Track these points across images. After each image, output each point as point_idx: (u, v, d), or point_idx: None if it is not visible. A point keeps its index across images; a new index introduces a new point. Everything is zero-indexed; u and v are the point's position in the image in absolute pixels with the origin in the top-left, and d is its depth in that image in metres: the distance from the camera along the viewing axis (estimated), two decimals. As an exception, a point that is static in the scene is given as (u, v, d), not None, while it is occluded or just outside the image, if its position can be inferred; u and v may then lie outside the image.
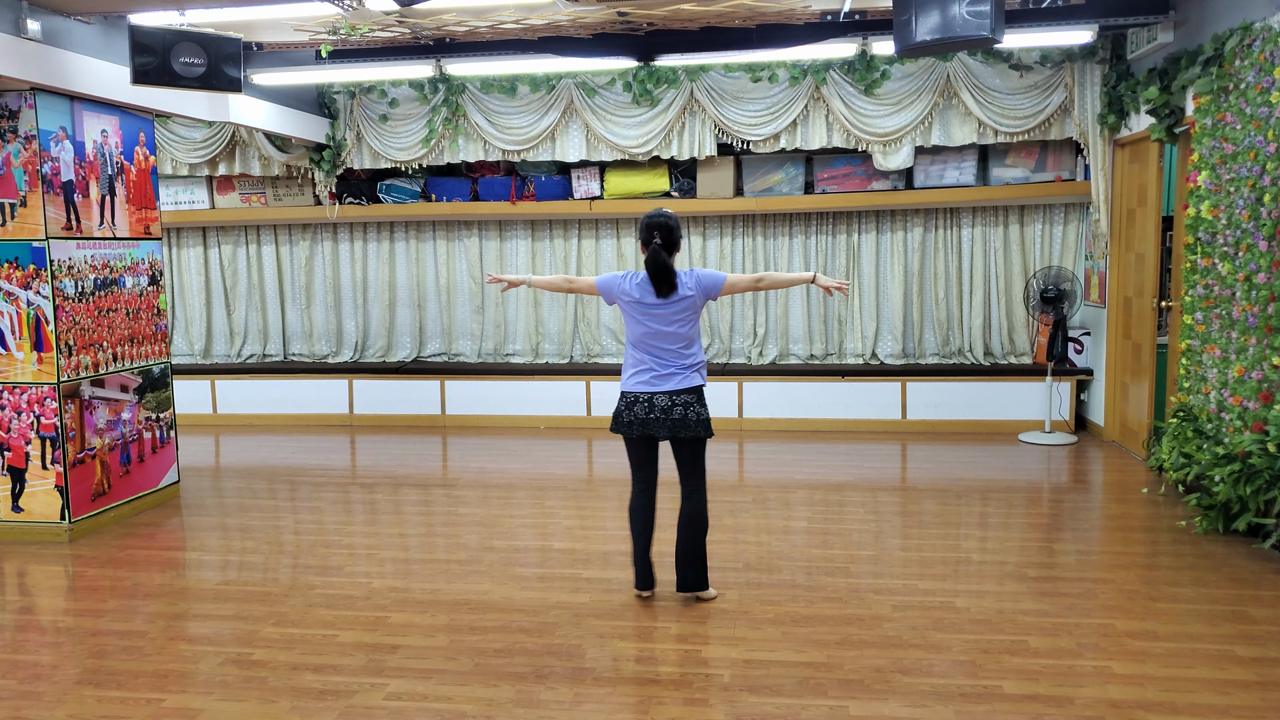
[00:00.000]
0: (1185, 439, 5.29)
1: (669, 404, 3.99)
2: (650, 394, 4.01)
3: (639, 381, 4.04)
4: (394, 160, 7.91)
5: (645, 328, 4.02)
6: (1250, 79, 4.82)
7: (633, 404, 4.03)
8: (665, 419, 3.99)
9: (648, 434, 4.05)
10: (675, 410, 3.99)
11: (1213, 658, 3.53)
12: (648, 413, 4.00)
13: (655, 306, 3.99)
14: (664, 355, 4.03)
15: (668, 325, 4.00)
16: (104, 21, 5.37)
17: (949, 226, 7.95)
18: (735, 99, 7.41)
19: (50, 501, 5.28)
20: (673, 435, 4.02)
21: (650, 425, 4.01)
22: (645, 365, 4.04)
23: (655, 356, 4.03)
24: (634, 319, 4.04)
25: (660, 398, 4.00)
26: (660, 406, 3.99)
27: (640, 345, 4.05)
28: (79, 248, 5.36)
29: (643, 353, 4.05)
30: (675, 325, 4.00)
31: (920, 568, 4.56)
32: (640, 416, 4.01)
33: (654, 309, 3.99)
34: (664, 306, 3.99)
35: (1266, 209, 4.62)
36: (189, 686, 3.49)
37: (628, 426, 4.05)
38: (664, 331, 4.00)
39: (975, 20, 4.07)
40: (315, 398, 8.49)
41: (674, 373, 4.02)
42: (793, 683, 3.41)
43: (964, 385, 7.66)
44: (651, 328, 4.01)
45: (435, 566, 4.73)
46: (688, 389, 4.03)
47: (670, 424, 4.00)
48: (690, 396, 4.03)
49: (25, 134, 5.09)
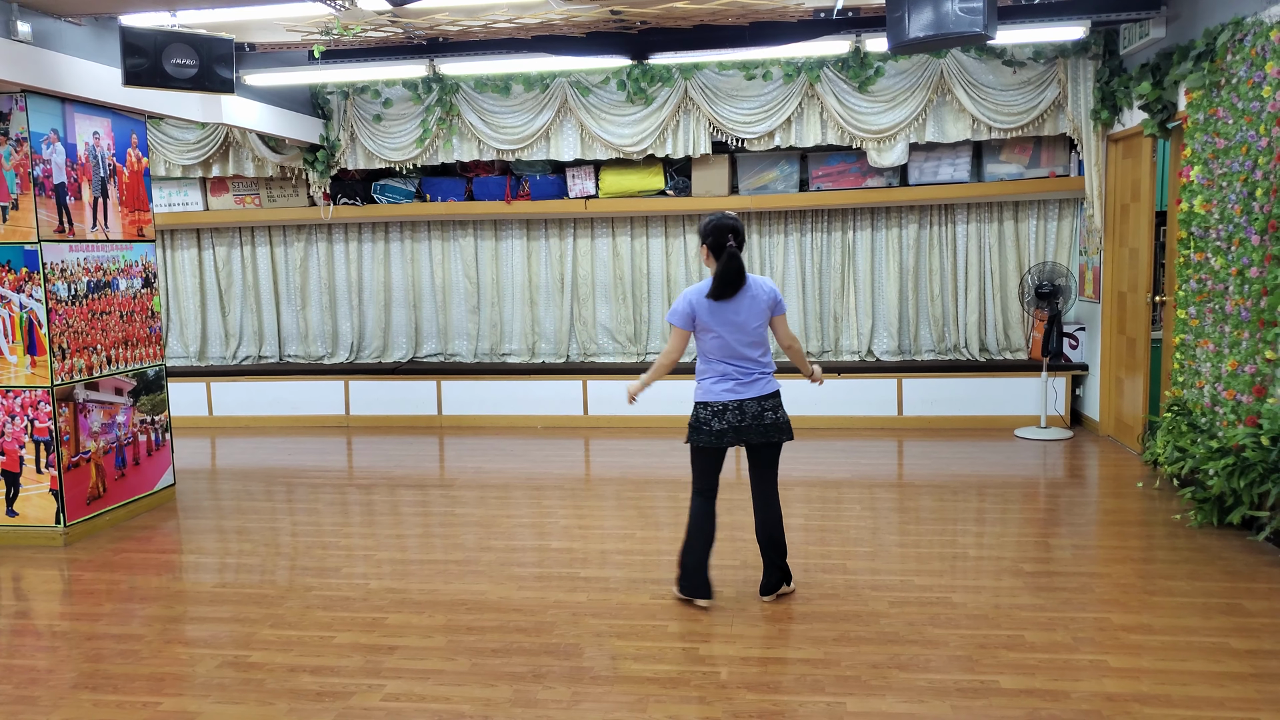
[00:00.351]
0: (1180, 433, 5.30)
1: (759, 410, 3.96)
2: (740, 401, 3.95)
3: (725, 390, 3.96)
4: (388, 160, 7.90)
5: (723, 334, 3.94)
6: (1242, 74, 4.83)
7: (721, 413, 3.95)
8: (757, 424, 3.96)
9: (740, 441, 3.98)
10: (766, 415, 3.97)
11: (1208, 650, 3.54)
12: (739, 420, 3.94)
13: (731, 309, 3.92)
14: (743, 361, 3.96)
15: (745, 329, 3.94)
16: (95, 23, 5.36)
17: (944, 223, 7.96)
18: (729, 97, 7.41)
19: (45, 505, 5.27)
20: (765, 440, 4.00)
21: (744, 432, 3.96)
22: (727, 374, 3.97)
23: (736, 364, 3.97)
24: (709, 331, 3.96)
25: (750, 404, 3.95)
26: (751, 413, 3.95)
27: (718, 356, 3.98)
28: (72, 250, 5.35)
29: (722, 363, 3.98)
30: (751, 328, 3.95)
31: (917, 563, 4.57)
32: (733, 424, 3.94)
33: (731, 313, 3.93)
34: (740, 308, 3.93)
35: (1259, 203, 4.63)
36: (186, 689, 3.48)
37: (718, 436, 3.95)
38: (742, 336, 3.94)
39: (968, 16, 4.07)
40: (311, 399, 8.48)
41: (757, 378, 3.98)
42: (790, 679, 3.41)
43: (960, 381, 7.67)
44: (729, 332, 3.93)
45: (432, 567, 4.73)
46: (772, 394, 4.01)
47: (763, 429, 3.97)
48: (775, 400, 4.02)
49: (16, 136, 5.07)
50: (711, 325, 3.95)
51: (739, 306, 3.95)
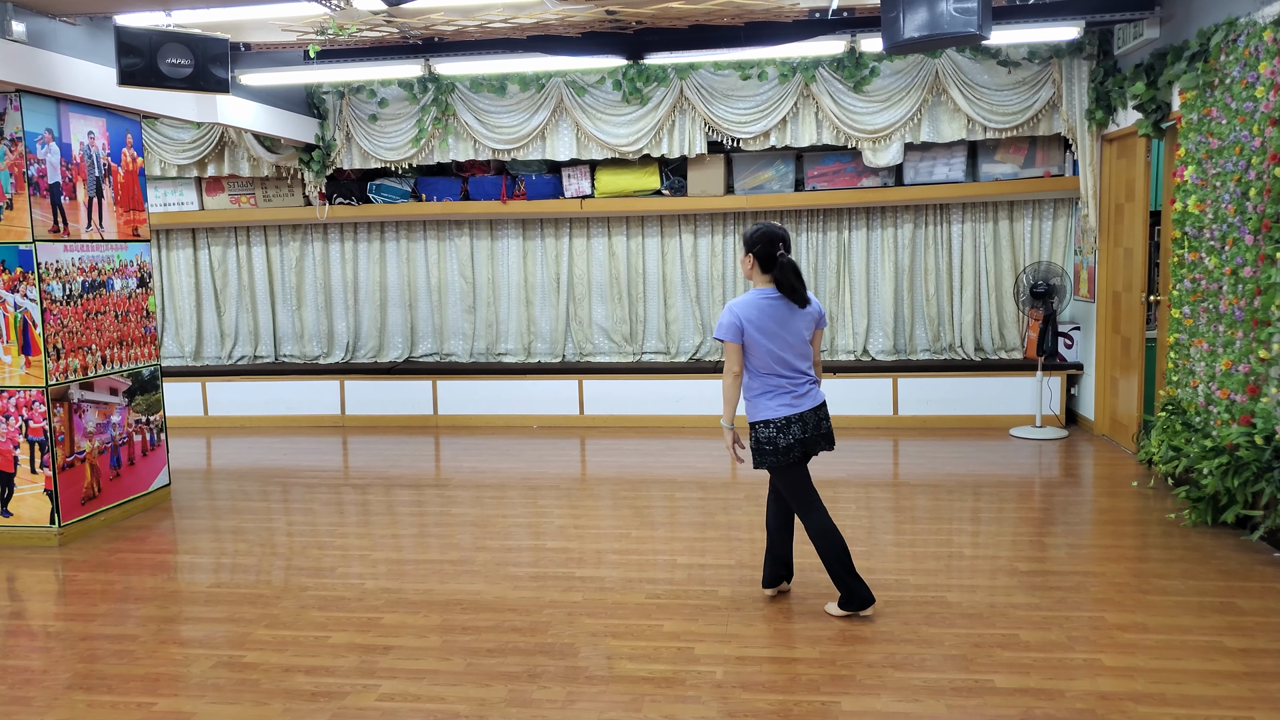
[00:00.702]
0: (1174, 432, 5.31)
1: (817, 420, 3.93)
2: (800, 413, 3.89)
3: (784, 404, 3.88)
4: (384, 160, 7.90)
5: (780, 343, 3.86)
6: (1235, 74, 4.85)
7: (785, 428, 3.86)
8: (817, 434, 3.93)
9: (807, 455, 3.94)
10: (823, 425, 3.96)
11: (1202, 649, 3.56)
12: (804, 432, 3.88)
13: (788, 317, 3.86)
14: (795, 373, 3.90)
15: (799, 338, 3.89)
16: (90, 23, 5.35)
17: (939, 223, 7.97)
18: (725, 97, 7.42)
19: (39, 505, 5.26)
20: (826, 447, 3.99)
21: (810, 444, 3.92)
22: (782, 387, 3.89)
23: (787, 377, 3.89)
24: (763, 340, 3.85)
25: (809, 414, 3.91)
26: (811, 424, 3.91)
27: (775, 366, 3.88)
28: (66, 250, 5.34)
29: (776, 376, 3.89)
30: (805, 338, 3.91)
31: (912, 563, 4.58)
32: (798, 437, 3.87)
33: (791, 321, 3.87)
34: (796, 316, 3.88)
35: (1252, 203, 4.64)
36: (181, 690, 3.48)
37: (785, 452, 3.87)
38: (796, 345, 3.89)
39: (962, 17, 4.08)
40: (307, 399, 8.48)
41: (809, 389, 3.94)
42: (785, 679, 3.42)
43: (955, 381, 7.68)
44: (781, 343, 3.86)
45: (428, 567, 4.73)
46: (823, 403, 3.99)
47: (825, 436, 3.96)
48: (826, 409, 4.01)
49: (11, 136, 5.06)
50: (762, 338, 3.84)
51: (794, 317, 3.88)
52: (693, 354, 8.29)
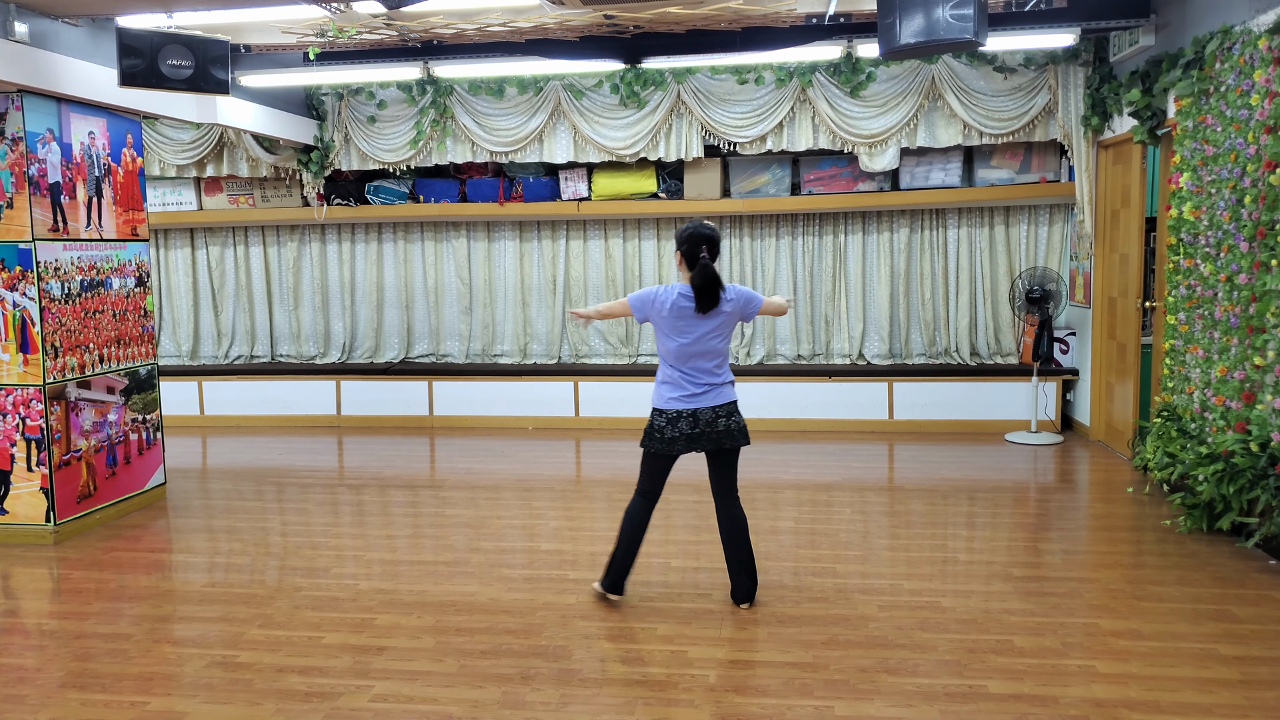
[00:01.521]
0: (1169, 438, 5.33)
1: (713, 417, 4.00)
2: (694, 409, 3.98)
3: (679, 399, 3.99)
4: (382, 161, 7.90)
5: (681, 342, 3.96)
6: (1230, 81, 4.87)
7: (675, 420, 3.99)
8: (710, 431, 3.99)
9: (693, 448, 4.02)
10: (719, 422, 4.00)
11: (1197, 656, 3.56)
12: (693, 428, 3.98)
13: (699, 320, 3.94)
14: (699, 372, 3.99)
15: (706, 340, 3.96)
16: (91, 23, 5.36)
17: (935, 227, 7.99)
18: (722, 101, 7.43)
19: (35, 504, 5.26)
20: (719, 447, 4.03)
21: (696, 440, 4.00)
22: (682, 382, 4.00)
23: (690, 373, 3.99)
24: (669, 335, 3.98)
25: (704, 412, 3.99)
26: (705, 420, 3.99)
27: (676, 361, 3.99)
28: (65, 249, 5.35)
29: (678, 370, 4.00)
30: (713, 340, 3.98)
31: (907, 568, 4.58)
32: (685, 432, 3.98)
33: (698, 323, 3.94)
34: (708, 320, 3.95)
35: (1247, 210, 4.66)
36: (174, 689, 3.48)
37: (670, 443, 4.00)
38: (705, 347, 3.97)
39: (959, 23, 4.10)
40: (302, 399, 8.48)
41: (710, 389, 4.00)
42: (778, 683, 3.42)
43: (950, 385, 7.70)
44: (689, 342, 3.95)
45: (422, 568, 4.73)
46: (729, 402, 4.04)
47: (715, 436, 4.01)
48: (732, 407, 4.05)
49: (12, 136, 5.07)
50: (667, 334, 3.98)
51: (709, 322, 3.95)
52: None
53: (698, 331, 3.95)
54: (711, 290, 3.89)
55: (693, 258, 3.92)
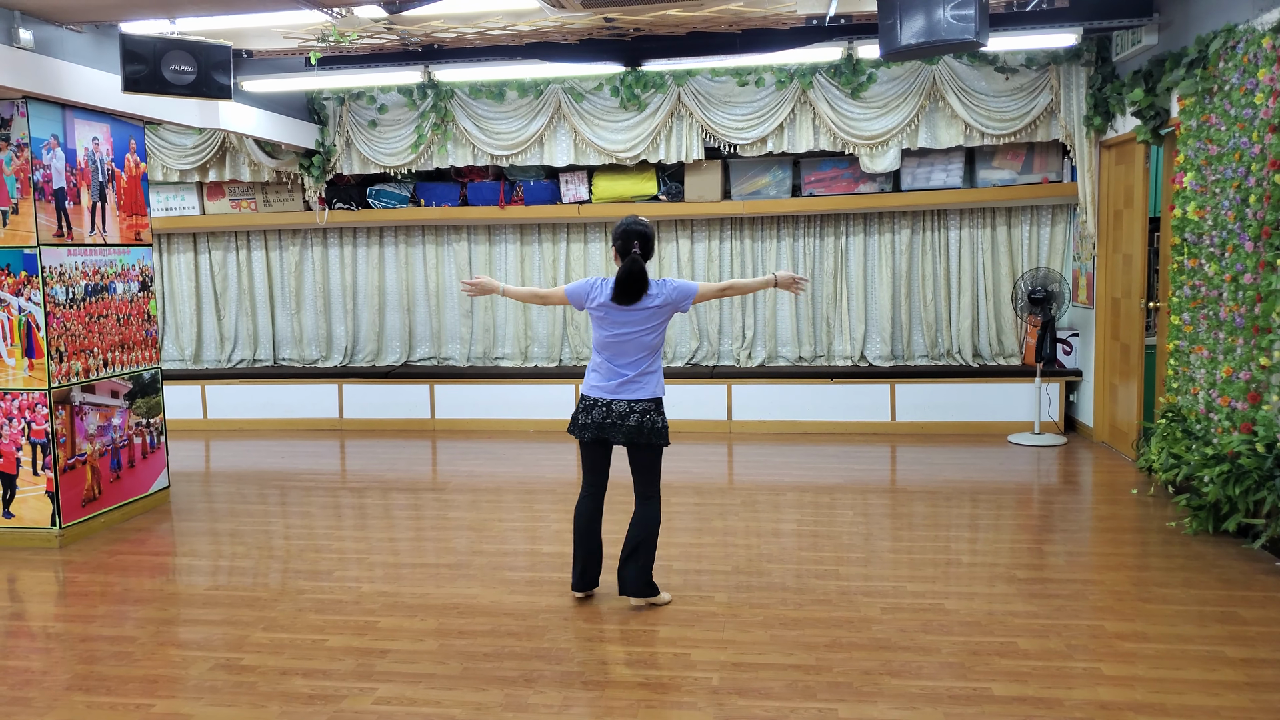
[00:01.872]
0: (1174, 440, 5.31)
1: (627, 410, 4.02)
2: (609, 400, 4.04)
3: (599, 387, 4.07)
4: (383, 165, 7.91)
5: (611, 334, 4.02)
6: (1234, 81, 4.86)
7: (590, 408, 4.06)
8: (622, 424, 4.01)
9: (602, 438, 4.07)
10: (633, 417, 4.01)
11: (1203, 659, 3.55)
12: (605, 417, 4.03)
13: (623, 313, 4.00)
14: (625, 364, 4.04)
15: (633, 333, 4.01)
16: (95, 30, 5.37)
17: (936, 228, 7.98)
18: (722, 103, 7.43)
19: (41, 507, 5.27)
20: (629, 441, 4.04)
21: (606, 430, 4.04)
22: (606, 371, 4.07)
23: (617, 363, 4.05)
24: (600, 326, 4.06)
25: (619, 404, 4.03)
26: (618, 412, 4.02)
27: (604, 351, 4.07)
28: (70, 254, 5.36)
29: (605, 359, 4.07)
30: (641, 333, 4.02)
31: (910, 570, 4.58)
32: (597, 420, 4.04)
33: (621, 315, 4.00)
34: (632, 313, 4.00)
35: (1252, 210, 4.65)
36: (179, 692, 3.48)
37: (582, 429, 4.08)
38: (629, 339, 4.02)
39: (960, 24, 4.10)
40: (305, 402, 8.48)
41: (633, 381, 4.03)
42: (781, 685, 3.42)
43: (953, 387, 7.69)
44: (617, 334, 4.02)
45: (424, 571, 4.73)
46: (648, 398, 4.04)
47: (627, 430, 4.01)
48: (649, 405, 4.05)
49: (17, 142, 5.08)
50: (600, 324, 4.05)
51: (632, 315, 4.00)
52: (689, 359, 8.29)
53: (625, 324, 4.00)
54: (631, 284, 3.94)
55: (625, 253, 3.99)
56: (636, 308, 3.99)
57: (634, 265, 3.95)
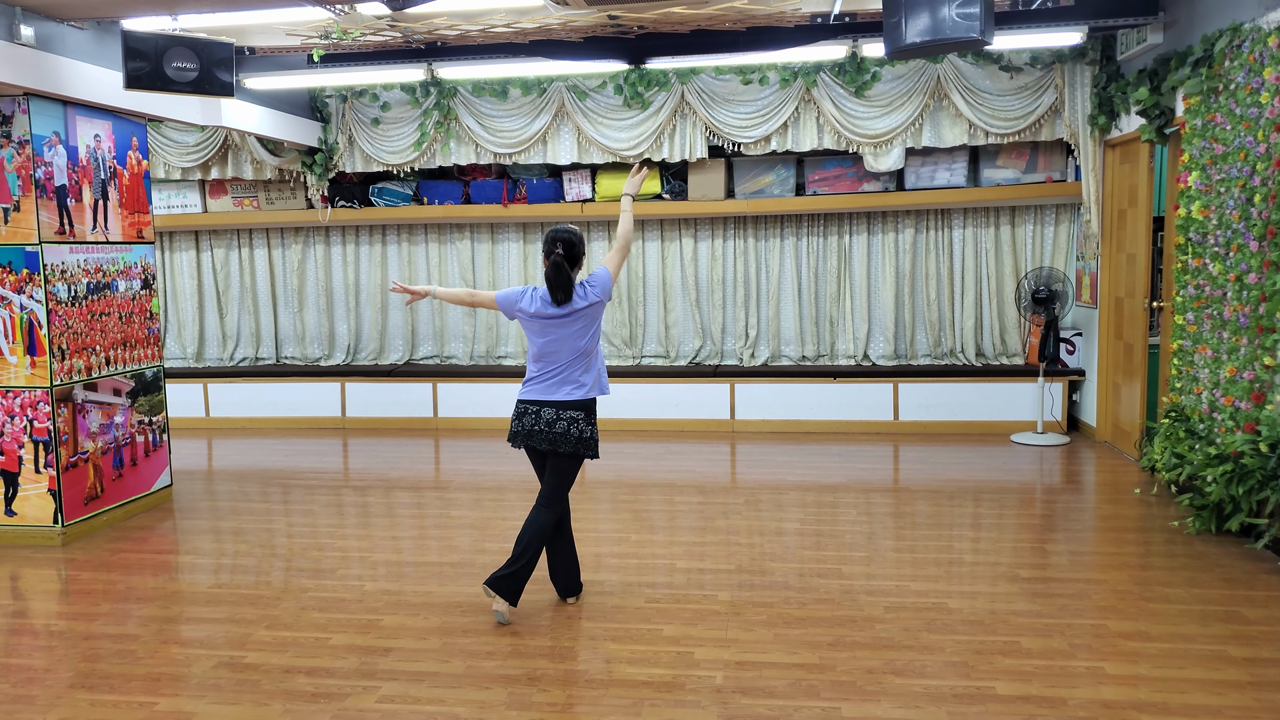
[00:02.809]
0: (1177, 439, 5.30)
1: (554, 417, 3.99)
2: (539, 404, 4.02)
3: (530, 391, 4.05)
4: (386, 163, 7.91)
5: (544, 339, 4.01)
6: (1240, 80, 4.85)
7: (522, 415, 4.04)
8: (548, 431, 3.98)
9: (529, 445, 4.05)
10: (559, 424, 3.98)
11: (1206, 658, 3.54)
12: (534, 424, 4.00)
13: (554, 318, 3.98)
14: (559, 369, 4.02)
15: (565, 337, 4.00)
16: (97, 27, 5.37)
17: (940, 228, 7.97)
18: (726, 101, 7.42)
19: (43, 505, 5.27)
20: (552, 448, 4.01)
21: (533, 437, 4.01)
22: (539, 376, 4.05)
23: (550, 369, 4.02)
24: (532, 333, 4.05)
25: (547, 410, 4.00)
26: (545, 419, 3.99)
27: (538, 357, 4.06)
28: (72, 252, 5.35)
29: (535, 364, 4.07)
30: (574, 337, 4.00)
31: (913, 569, 4.57)
32: (526, 428, 4.02)
33: (553, 321, 3.99)
34: (563, 317, 3.98)
35: (1257, 209, 4.64)
36: (182, 690, 3.48)
37: (513, 437, 4.07)
38: (563, 343, 4.00)
39: (965, 22, 4.08)
40: (308, 401, 8.48)
41: (564, 385, 4.01)
42: (785, 684, 3.41)
43: (956, 386, 7.68)
44: (550, 339, 4.00)
45: (428, 569, 4.73)
46: (576, 402, 4.01)
47: (551, 437, 3.98)
48: (577, 412, 4.01)
49: (19, 139, 5.08)
50: (534, 333, 4.04)
51: (563, 322, 3.98)
52: (692, 358, 8.28)
53: (558, 329, 3.99)
54: (560, 284, 3.92)
55: (547, 255, 3.99)
56: (567, 314, 3.96)
57: (557, 264, 3.92)
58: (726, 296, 8.24)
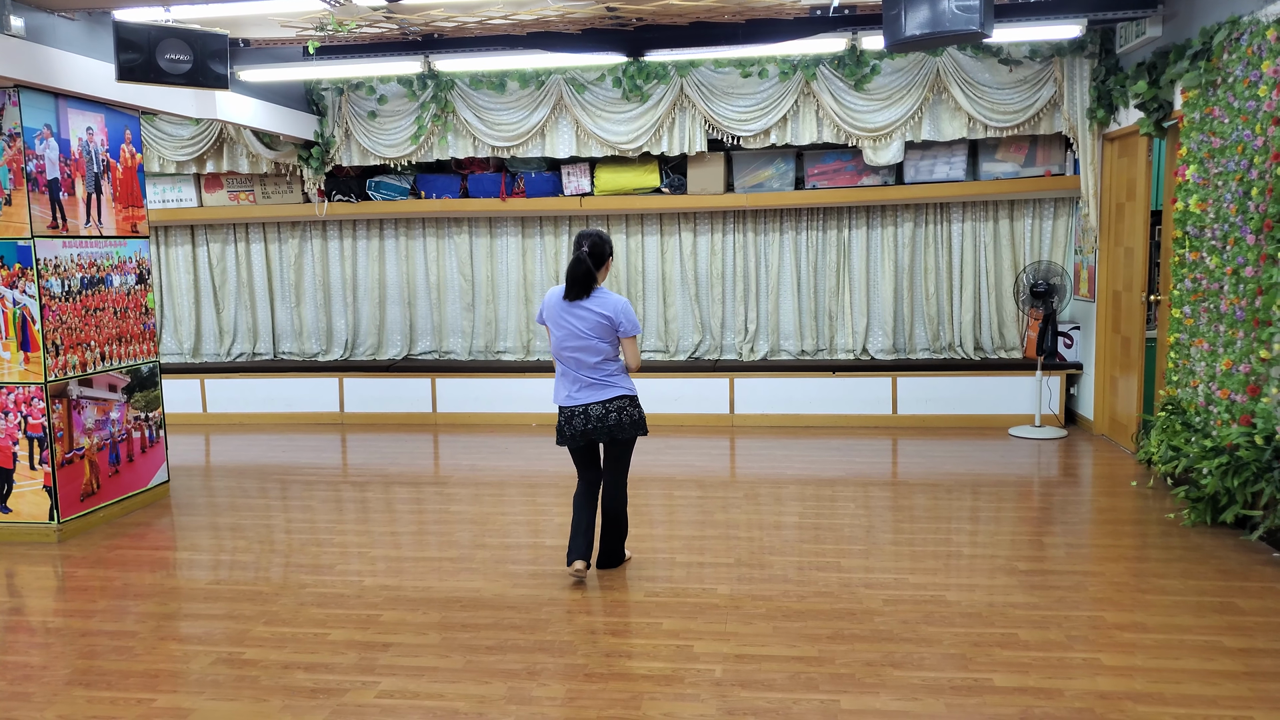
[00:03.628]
0: (1174, 432, 5.31)
1: (603, 411, 4.27)
2: (585, 405, 4.28)
3: (566, 395, 4.31)
4: (383, 157, 7.89)
5: (563, 332, 4.25)
6: (1238, 73, 4.84)
7: (571, 418, 4.30)
8: (601, 425, 4.27)
9: (591, 441, 4.35)
10: (610, 416, 4.27)
11: (1201, 649, 3.55)
12: (585, 424, 4.27)
13: (570, 310, 4.23)
14: (584, 367, 4.26)
15: (583, 333, 4.22)
16: (88, 18, 5.33)
17: (939, 221, 7.96)
18: (725, 94, 7.41)
19: (38, 502, 5.26)
20: (611, 439, 4.30)
21: (591, 434, 4.29)
22: (567, 378, 4.31)
23: (576, 370, 4.27)
24: (553, 328, 4.29)
25: (595, 407, 4.27)
26: (595, 415, 4.27)
27: (563, 357, 4.30)
28: (65, 246, 5.33)
29: (561, 363, 4.33)
30: (591, 336, 4.21)
31: (911, 562, 4.57)
32: (580, 428, 4.28)
33: (569, 314, 4.23)
34: (579, 311, 4.22)
35: (1254, 203, 4.64)
36: (180, 686, 3.48)
37: (571, 439, 4.33)
38: (581, 339, 4.22)
39: (964, 15, 4.07)
40: (306, 396, 8.47)
41: (598, 383, 4.28)
42: (784, 677, 3.41)
43: (954, 380, 7.68)
44: (569, 332, 4.22)
45: (427, 564, 4.72)
46: (619, 396, 4.29)
47: (607, 429, 4.27)
48: (624, 402, 4.30)
49: (9, 132, 5.05)
50: (551, 326, 4.32)
51: (579, 314, 4.23)
52: (692, 352, 8.28)
53: (574, 326, 4.23)
54: (579, 279, 4.19)
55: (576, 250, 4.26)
56: (585, 309, 4.22)
57: (580, 261, 4.19)
58: (726, 291, 8.23)
